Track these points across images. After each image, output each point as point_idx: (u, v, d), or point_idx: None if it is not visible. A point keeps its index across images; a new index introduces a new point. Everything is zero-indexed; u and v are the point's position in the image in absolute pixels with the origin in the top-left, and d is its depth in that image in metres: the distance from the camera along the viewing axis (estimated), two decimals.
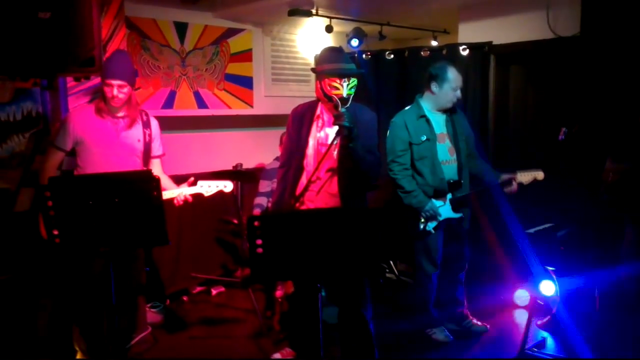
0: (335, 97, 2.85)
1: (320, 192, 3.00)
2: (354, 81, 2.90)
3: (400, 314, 4.17)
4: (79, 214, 2.43)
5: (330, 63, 2.91)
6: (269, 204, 4.46)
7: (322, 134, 3.01)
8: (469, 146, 3.73)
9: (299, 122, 3.04)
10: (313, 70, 3.08)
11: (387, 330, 3.92)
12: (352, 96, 2.89)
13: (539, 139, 4.46)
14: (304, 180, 3.00)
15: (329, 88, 2.88)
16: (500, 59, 4.47)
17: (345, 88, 2.85)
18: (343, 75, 2.86)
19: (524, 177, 3.50)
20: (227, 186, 3.18)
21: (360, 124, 2.87)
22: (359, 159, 2.87)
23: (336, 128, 2.86)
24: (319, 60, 3.05)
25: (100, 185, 2.47)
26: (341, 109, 2.80)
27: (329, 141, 2.95)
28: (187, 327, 4.15)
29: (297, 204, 2.98)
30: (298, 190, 2.99)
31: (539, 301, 4.02)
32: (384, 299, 4.43)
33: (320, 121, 3.03)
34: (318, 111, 3.04)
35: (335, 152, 2.95)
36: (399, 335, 3.89)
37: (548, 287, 4.06)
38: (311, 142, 3.01)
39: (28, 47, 2.30)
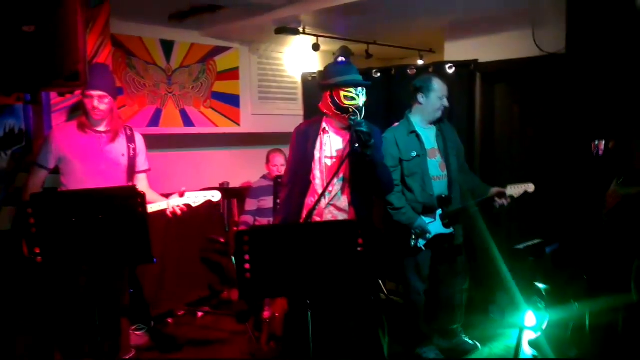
0: (352, 107, 2.85)
1: (328, 205, 2.99)
2: (365, 92, 2.92)
3: (390, 333, 4.11)
4: (62, 231, 2.37)
5: (344, 75, 2.93)
6: (256, 222, 4.41)
7: (328, 147, 3.02)
8: (460, 160, 3.73)
9: (303, 138, 3.05)
10: (322, 84, 3.06)
11: (377, 349, 3.86)
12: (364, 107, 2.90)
13: (526, 157, 4.48)
14: (311, 194, 3.00)
15: (343, 99, 2.88)
16: (486, 77, 4.51)
17: (361, 97, 2.88)
18: (358, 84, 2.88)
19: (515, 190, 3.50)
20: (215, 196, 3.14)
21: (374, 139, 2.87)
22: (379, 168, 2.90)
23: (340, 140, 2.94)
24: (329, 73, 3.05)
25: (83, 202, 2.42)
26: (357, 119, 2.81)
27: (333, 153, 2.98)
28: (173, 350, 4.05)
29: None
30: (308, 205, 2.97)
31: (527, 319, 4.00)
32: (373, 318, 4.36)
33: (326, 135, 3.04)
34: (324, 125, 3.05)
35: (346, 163, 2.94)
36: (390, 354, 3.83)
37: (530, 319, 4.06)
38: (317, 155, 3.01)
39: (11, 60, 2.25)
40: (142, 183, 3.28)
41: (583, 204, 3.49)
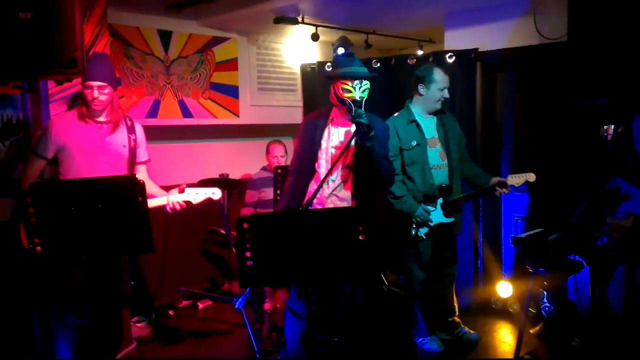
0: (349, 99, 2.84)
1: (330, 195, 3.00)
2: (366, 84, 2.91)
3: (391, 324, 4.10)
4: (61, 220, 2.35)
5: (343, 67, 2.94)
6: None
7: (335, 137, 3.03)
8: (461, 149, 3.71)
9: (312, 128, 3.06)
10: (327, 76, 3.07)
11: (378, 340, 3.86)
12: (364, 99, 2.89)
13: (527, 145, 4.46)
14: (314, 183, 3.00)
15: (341, 91, 2.89)
16: (487, 66, 4.48)
17: (357, 91, 2.86)
18: (355, 77, 2.87)
19: (515, 179, 3.48)
20: (216, 193, 3.11)
21: (376, 132, 2.87)
22: (378, 160, 2.89)
23: (347, 130, 2.93)
24: (333, 65, 3.08)
25: (83, 191, 2.39)
26: (358, 110, 2.80)
27: (339, 144, 2.98)
28: (175, 342, 4.04)
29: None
30: (309, 193, 2.96)
31: (531, 310, 3.99)
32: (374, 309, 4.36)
33: (333, 125, 3.05)
34: (332, 115, 3.07)
35: (351, 154, 2.96)
36: (391, 345, 3.83)
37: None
38: (324, 145, 3.03)
39: (8, 48, 2.22)
40: (141, 174, 3.25)
41: (587, 192, 3.48)
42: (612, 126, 3.15)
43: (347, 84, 2.87)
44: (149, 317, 4.28)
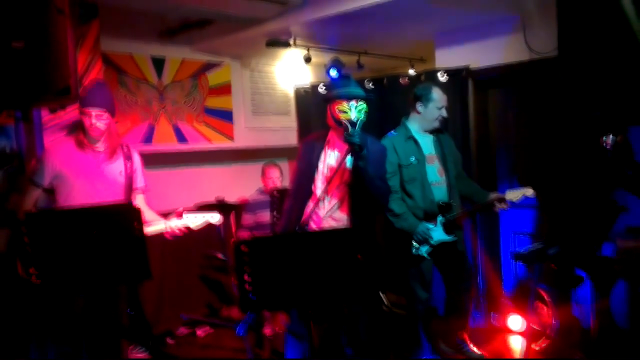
0: (345, 120, 2.85)
1: (326, 216, 3.00)
2: (362, 105, 2.91)
3: (394, 345, 4.05)
4: (58, 250, 2.32)
5: (339, 88, 2.97)
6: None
7: (332, 159, 3.04)
8: (457, 167, 3.71)
9: (309, 150, 3.08)
10: (323, 98, 3.10)
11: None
12: (361, 120, 2.89)
13: (523, 161, 4.47)
14: (311, 204, 2.99)
15: (337, 112, 2.90)
16: (479, 83, 4.51)
17: (353, 111, 2.87)
18: (350, 97, 2.88)
19: (513, 194, 3.47)
20: (214, 217, 3.09)
21: (371, 153, 2.89)
22: (369, 180, 2.88)
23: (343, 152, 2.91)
24: (328, 87, 3.10)
25: (78, 219, 2.37)
26: (351, 130, 2.81)
27: (336, 164, 2.97)
28: None
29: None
30: (305, 215, 2.96)
31: (533, 326, 3.95)
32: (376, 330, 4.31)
33: (330, 147, 3.06)
34: (328, 137, 3.09)
35: (347, 174, 2.96)
36: None
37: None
38: (320, 166, 3.03)
39: (1, 77, 2.22)
40: (138, 202, 3.23)
41: (586, 205, 3.47)
42: (611, 136, 3.15)
43: (343, 105, 2.88)
44: (147, 345, 4.21)
